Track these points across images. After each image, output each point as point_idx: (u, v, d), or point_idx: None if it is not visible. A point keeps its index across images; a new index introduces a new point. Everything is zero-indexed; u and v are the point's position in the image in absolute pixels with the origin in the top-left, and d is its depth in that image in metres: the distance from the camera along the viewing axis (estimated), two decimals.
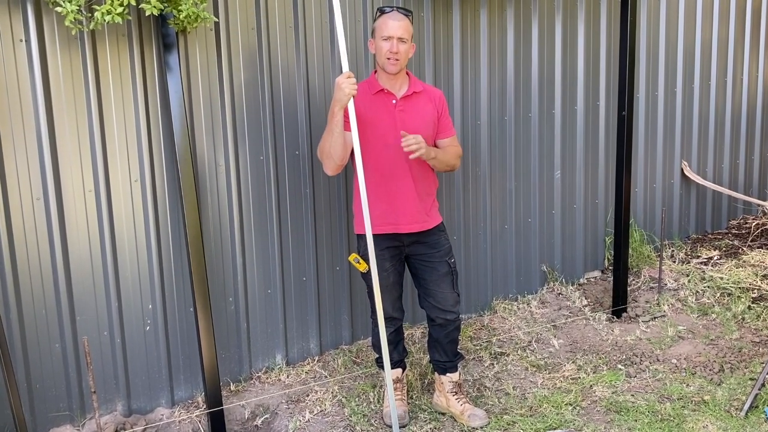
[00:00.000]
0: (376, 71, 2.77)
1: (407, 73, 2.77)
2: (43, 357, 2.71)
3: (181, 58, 2.82)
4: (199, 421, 2.91)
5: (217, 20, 2.86)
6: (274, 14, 3.06)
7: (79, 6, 2.34)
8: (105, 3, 2.35)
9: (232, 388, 3.13)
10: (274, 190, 3.16)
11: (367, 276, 2.76)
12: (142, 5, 2.40)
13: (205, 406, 2.93)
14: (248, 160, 3.07)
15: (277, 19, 3.07)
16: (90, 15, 2.44)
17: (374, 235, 2.62)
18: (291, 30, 3.11)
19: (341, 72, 3.22)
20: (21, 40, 2.50)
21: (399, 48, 2.61)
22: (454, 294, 2.83)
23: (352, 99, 2.48)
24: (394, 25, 2.61)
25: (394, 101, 2.71)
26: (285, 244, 3.23)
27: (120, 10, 2.34)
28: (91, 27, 2.43)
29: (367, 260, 2.70)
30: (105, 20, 2.34)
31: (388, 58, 2.63)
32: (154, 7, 2.39)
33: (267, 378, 3.21)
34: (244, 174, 3.07)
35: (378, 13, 2.69)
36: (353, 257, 2.72)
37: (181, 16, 2.49)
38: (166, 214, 2.89)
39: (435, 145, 2.81)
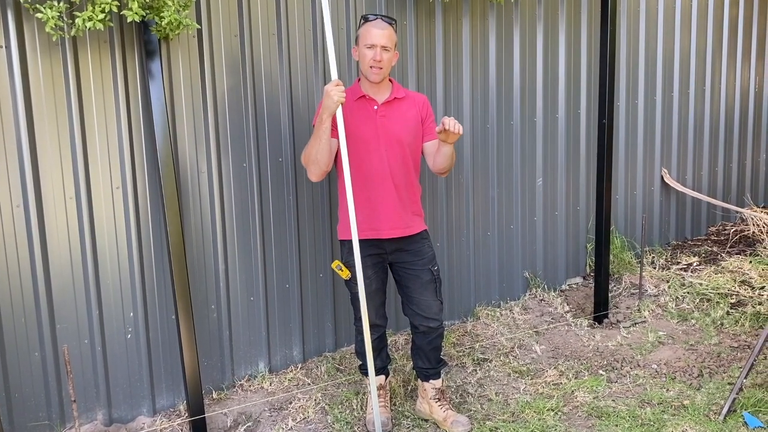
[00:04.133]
0: (359, 79, 2.78)
1: (390, 80, 2.78)
2: (22, 365, 2.68)
3: (164, 64, 2.81)
4: (181, 430, 2.89)
5: (199, 27, 2.86)
6: (257, 21, 3.06)
7: (60, 12, 2.33)
8: (86, 9, 2.34)
9: (215, 396, 3.11)
10: (257, 197, 3.16)
11: (350, 283, 2.77)
12: (124, 12, 2.40)
13: (187, 415, 2.91)
14: (231, 167, 3.06)
15: (260, 27, 3.07)
16: (71, 21, 2.43)
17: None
18: (274, 37, 3.12)
19: (324, 79, 3.28)
20: (1, 47, 2.48)
21: (382, 56, 2.62)
22: (438, 301, 2.83)
23: (340, 106, 2.49)
24: (378, 33, 2.62)
25: (375, 107, 2.72)
26: (268, 251, 3.23)
27: (101, 16, 2.34)
28: (72, 33, 2.41)
29: (349, 267, 2.70)
30: (86, 27, 2.33)
31: (371, 67, 2.64)
32: (136, 13, 2.38)
33: (249, 386, 3.20)
34: (226, 181, 3.07)
35: (362, 21, 2.70)
36: (336, 264, 2.72)
37: (163, 23, 2.49)
38: (148, 221, 2.87)
39: (422, 150, 2.83)
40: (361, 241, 2.67)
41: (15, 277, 2.62)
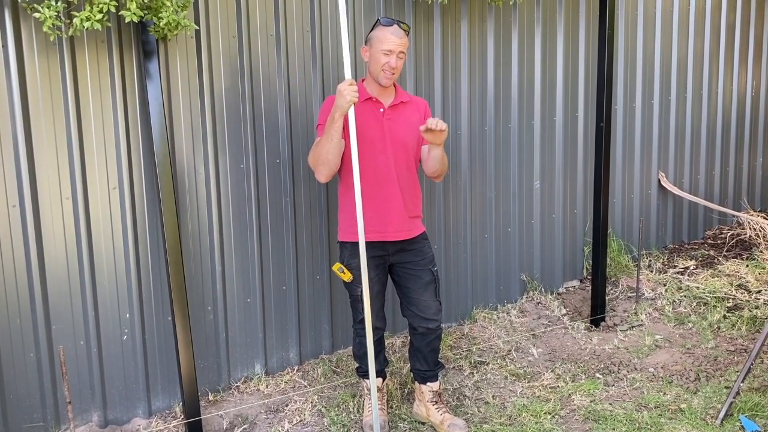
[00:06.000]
0: (364, 79, 2.78)
1: (393, 84, 2.79)
2: (18, 367, 2.66)
3: (161, 65, 2.80)
4: None
5: (197, 28, 2.85)
6: (256, 22, 3.06)
7: (58, 12, 2.32)
8: (84, 9, 2.34)
9: (211, 398, 3.10)
10: (254, 198, 3.15)
11: (350, 286, 2.76)
12: (122, 12, 2.39)
13: (182, 417, 2.90)
14: (228, 168, 3.06)
15: (259, 27, 3.07)
16: (69, 21, 2.42)
17: (359, 243, 2.62)
18: (272, 38, 3.11)
19: (323, 80, 3.27)
20: None
21: (398, 64, 2.65)
22: (436, 302, 2.83)
23: (352, 106, 2.48)
24: (396, 41, 2.63)
25: (382, 109, 2.72)
26: (265, 252, 3.22)
27: (99, 16, 2.33)
28: (69, 33, 2.41)
29: (351, 269, 2.69)
30: (84, 27, 2.32)
31: (384, 71, 2.65)
32: (134, 14, 2.38)
33: (246, 388, 3.19)
34: (224, 182, 3.06)
35: (377, 23, 2.69)
36: (337, 267, 2.71)
37: (161, 24, 2.48)
38: (145, 222, 2.86)
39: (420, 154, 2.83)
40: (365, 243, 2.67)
41: (10, 278, 2.61)
